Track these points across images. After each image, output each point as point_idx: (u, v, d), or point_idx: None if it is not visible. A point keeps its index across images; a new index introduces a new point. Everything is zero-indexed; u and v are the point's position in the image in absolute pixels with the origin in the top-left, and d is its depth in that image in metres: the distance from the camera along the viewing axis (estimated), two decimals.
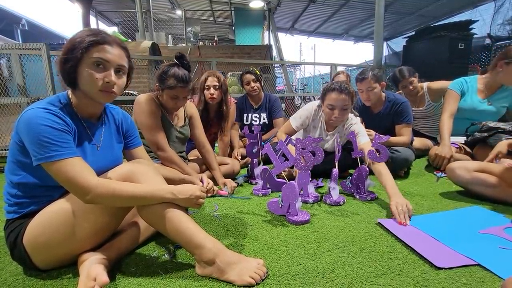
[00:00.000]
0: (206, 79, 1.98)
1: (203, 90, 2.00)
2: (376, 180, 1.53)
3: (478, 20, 4.90)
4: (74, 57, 0.82)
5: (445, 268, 0.91)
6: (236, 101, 2.33)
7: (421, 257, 0.99)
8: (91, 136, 0.94)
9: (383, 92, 2.13)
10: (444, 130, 1.97)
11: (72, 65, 0.83)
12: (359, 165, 1.58)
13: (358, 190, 1.60)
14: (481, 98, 2.04)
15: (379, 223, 1.25)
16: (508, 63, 1.81)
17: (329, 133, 1.90)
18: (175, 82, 1.45)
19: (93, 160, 0.90)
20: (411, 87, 2.44)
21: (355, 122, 1.82)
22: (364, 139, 1.68)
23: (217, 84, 1.97)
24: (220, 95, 1.99)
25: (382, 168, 1.50)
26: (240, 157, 2.22)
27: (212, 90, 1.96)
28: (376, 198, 1.57)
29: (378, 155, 1.51)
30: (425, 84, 2.49)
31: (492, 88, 2.01)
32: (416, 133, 2.56)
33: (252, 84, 2.44)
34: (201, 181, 1.19)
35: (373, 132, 1.86)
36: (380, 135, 1.53)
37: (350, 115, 1.84)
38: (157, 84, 1.51)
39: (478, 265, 0.93)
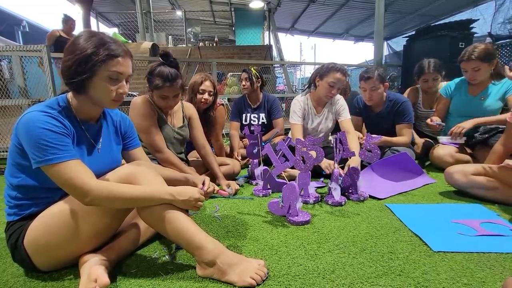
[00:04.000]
0: (201, 83, 1.91)
1: (196, 93, 1.92)
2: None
3: (478, 19, 4.87)
4: (88, 70, 0.82)
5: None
6: (222, 103, 2.31)
7: (422, 257, 0.99)
8: (90, 139, 0.94)
9: (384, 91, 2.12)
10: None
11: (86, 77, 0.83)
12: (351, 166, 1.58)
13: (351, 191, 1.59)
14: (473, 95, 2.05)
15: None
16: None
17: (319, 114, 2.06)
18: (162, 82, 1.44)
19: (92, 162, 0.91)
20: (431, 84, 2.34)
21: (339, 98, 2.05)
22: (346, 115, 2.00)
23: (212, 90, 1.93)
24: (211, 101, 1.96)
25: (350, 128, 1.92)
26: (240, 158, 2.22)
27: (206, 95, 1.91)
28: (368, 197, 1.57)
29: (370, 155, 1.52)
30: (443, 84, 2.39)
31: (483, 84, 2.01)
32: (419, 133, 2.55)
33: (244, 82, 2.46)
34: (203, 183, 1.18)
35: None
36: (372, 135, 1.53)
37: None
38: (147, 85, 1.51)
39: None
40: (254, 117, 2.54)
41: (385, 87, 2.04)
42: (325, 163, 1.65)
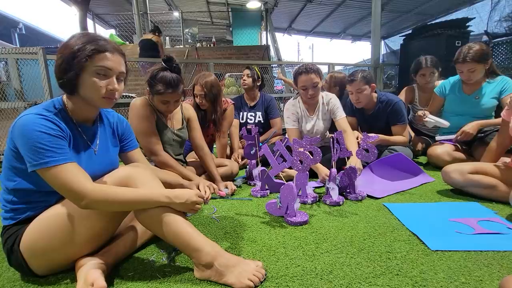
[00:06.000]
0: (193, 87, 1.98)
1: (195, 97, 1.99)
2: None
3: (474, 18, 4.90)
4: (75, 66, 0.82)
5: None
6: (234, 102, 2.34)
7: (420, 256, 0.99)
8: (86, 141, 0.94)
9: (374, 92, 2.12)
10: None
11: (74, 74, 0.83)
12: (348, 165, 1.58)
13: (348, 190, 1.59)
14: (468, 94, 2.05)
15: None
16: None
17: (312, 116, 2.03)
18: (164, 88, 1.43)
19: (89, 164, 0.90)
20: (428, 79, 2.36)
21: (331, 96, 2.01)
22: (341, 114, 1.96)
23: (202, 93, 1.93)
24: (206, 104, 1.97)
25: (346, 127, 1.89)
26: (240, 159, 2.23)
27: (198, 99, 1.96)
28: (366, 196, 1.58)
29: (367, 155, 1.52)
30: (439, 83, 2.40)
31: (477, 83, 2.01)
32: (416, 132, 2.55)
33: (245, 77, 2.51)
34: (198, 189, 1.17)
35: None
36: (368, 135, 1.52)
37: (323, 93, 2.03)
38: (147, 89, 1.50)
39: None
40: (251, 115, 2.57)
41: (372, 88, 2.04)
42: (322, 175, 1.67)
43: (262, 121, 2.56)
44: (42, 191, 0.87)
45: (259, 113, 2.56)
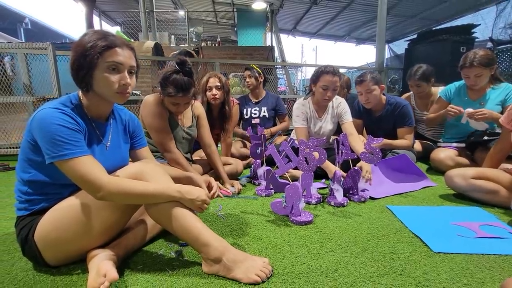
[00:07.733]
0: (207, 81, 2.00)
1: (205, 92, 2.02)
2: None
3: (480, 24, 4.91)
4: (88, 63, 0.84)
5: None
6: (238, 102, 2.37)
7: (423, 257, 1.01)
8: (100, 136, 0.96)
9: (383, 95, 2.14)
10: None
11: (87, 71, 0.85)
12: (351, 167, 1.60)
13: (351, 192, 1.61)
14: (473, 99, 2.05)
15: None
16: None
17: (320, 118, 2.05)
18: (175, 91, 1.44)
19: (102, 159, 0.92)
20: (415, 90, 2.43)
21: (341, 100, 2.04)
22: (348, 117, 2.00)
23: (219, 84, 1.98)
24: (222, 95, 2.01)
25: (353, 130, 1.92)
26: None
27: (214, 91, 1.98)
28: (369, 198, 1.59)
29: (371, 158, 1.54)
30: (440, 89, 2.42)
31: (482, 89, 2.02)
32: (419, 136, 2.57)
33: (247, 79, 2.57)
34: (209, 185, 1.19)
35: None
36: (373, 138, 1.54)
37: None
38: (159, 88, 1.52)
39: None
40: (255, 110, 2.60)
41: (381, 88, 2.06)
42: (332, 172, 1.64)
43: (267, 116, 2.60)
44: (57, 184, 0.90)
45: (264, 108, 2.60)
